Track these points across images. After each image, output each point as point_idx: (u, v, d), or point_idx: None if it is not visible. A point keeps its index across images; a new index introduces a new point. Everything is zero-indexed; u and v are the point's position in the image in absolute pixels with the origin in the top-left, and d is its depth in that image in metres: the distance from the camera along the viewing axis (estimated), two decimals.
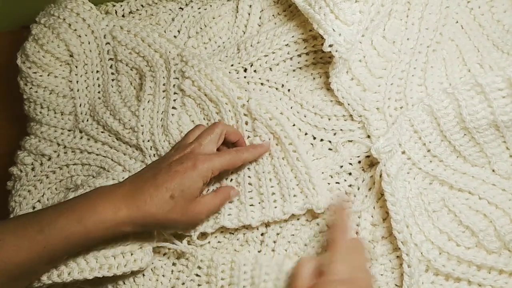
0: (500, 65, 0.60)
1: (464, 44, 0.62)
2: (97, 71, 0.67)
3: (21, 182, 0.62)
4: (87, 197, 0.51)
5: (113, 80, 0.67)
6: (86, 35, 0.66)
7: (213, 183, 0.59)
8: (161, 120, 0.62)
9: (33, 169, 0.64)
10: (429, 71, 0.61)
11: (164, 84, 0.63)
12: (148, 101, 0.63)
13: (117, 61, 0.67)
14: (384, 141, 0.55)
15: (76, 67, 0.66)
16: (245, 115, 0.60)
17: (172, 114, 0.62)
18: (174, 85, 0.63)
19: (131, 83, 0.67)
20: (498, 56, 0.61)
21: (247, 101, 0.60)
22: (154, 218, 0.50)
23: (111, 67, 0.67)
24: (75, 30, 0.66)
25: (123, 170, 0.62)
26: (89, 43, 0.67)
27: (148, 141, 0.62)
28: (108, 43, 0.67)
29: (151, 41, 0.65)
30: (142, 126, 0.62)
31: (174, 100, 0.62)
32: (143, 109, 0.63)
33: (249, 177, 0.59)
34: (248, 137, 0.60)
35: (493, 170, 0.57)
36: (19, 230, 0.47)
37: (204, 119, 0.63)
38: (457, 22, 0.63)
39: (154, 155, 0.62)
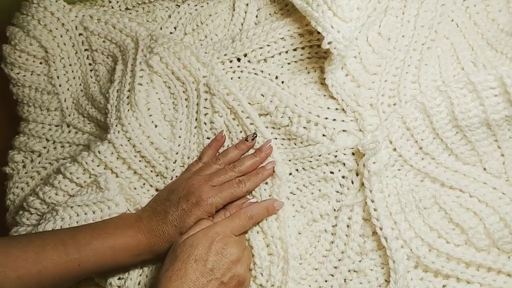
0: (493, 63, 0.60)
1: (458, 42, 0.62)
2: (75, 64, 0.67)
3: (13, 180, 0.63)
4: (116, 224, 0.55)
5: (91, 70, 0.67)
6: (57, 29, 0.66)
7: None
8: (127, 97, 0.61)
9: (24, 166, 0.65)
10: (423, 68, 0.61)
11: (132, 65, 0.63)
12: (118, 82, 0.63)
13: (92, 51, 0.67)
14: (371, 138, 0.55)
15: (54, 62, 0.67)
16: (205, 92, 0.62)
17: (139, 91, 0.61)
18: (140, 62, 0.62)
19: (108, 71, 0.67)
20: (492, 55, 0.61)
21: (208, 76, 0.62)
22: (168, 249, 0.55)
23: (87, 57, 0.68)
24: (45, 25, 0.66)
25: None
26: (61, 36, 0.67)
27: (115, 119, 0.61)
28: (80, 34, 0.67)
29: (121, 26, 0.66)
30: (111, 105, 0.62)
31: (141, 77, 0.62)
32: (112, 90, 0.63)
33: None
34: (206, 114, 0.62)
35: (484, 169, 0.57)
36: (59, 246, 0.51)
37: (170, 97, 0.63)
38: (452, 20, 0.63)
39: (119, 131, 0.60)
